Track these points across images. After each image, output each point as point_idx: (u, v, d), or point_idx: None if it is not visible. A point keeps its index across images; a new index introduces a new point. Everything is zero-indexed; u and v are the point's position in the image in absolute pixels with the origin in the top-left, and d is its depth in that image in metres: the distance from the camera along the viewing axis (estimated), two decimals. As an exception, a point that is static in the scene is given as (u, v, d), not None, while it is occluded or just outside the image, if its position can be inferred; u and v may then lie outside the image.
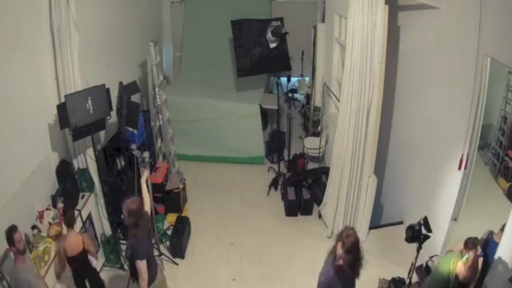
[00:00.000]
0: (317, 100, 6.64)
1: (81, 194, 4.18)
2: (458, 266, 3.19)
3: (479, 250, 3.30)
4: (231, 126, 6.33)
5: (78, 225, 3.94)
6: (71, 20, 3.78)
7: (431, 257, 4.09)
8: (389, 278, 4.16)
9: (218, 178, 6.21)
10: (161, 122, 5.62)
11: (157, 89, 5.39)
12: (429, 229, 3.41)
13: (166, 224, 5.08)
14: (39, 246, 3.37)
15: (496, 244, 3.28)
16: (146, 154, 3.94)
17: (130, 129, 4.49)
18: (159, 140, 5.82)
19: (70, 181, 4.02)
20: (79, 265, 3.45)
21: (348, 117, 4.26)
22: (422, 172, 4.54)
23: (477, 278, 3.29)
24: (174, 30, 7.93)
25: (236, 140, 6.39)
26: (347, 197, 4.59)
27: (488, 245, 3.41)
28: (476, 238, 3.15)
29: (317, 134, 6.53)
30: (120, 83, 4.28)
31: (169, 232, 4.90)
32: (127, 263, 3.55)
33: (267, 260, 4.65)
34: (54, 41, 3.82)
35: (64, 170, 4.05)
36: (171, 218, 5.11)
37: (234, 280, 4.38)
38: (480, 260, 3.29)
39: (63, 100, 3.59)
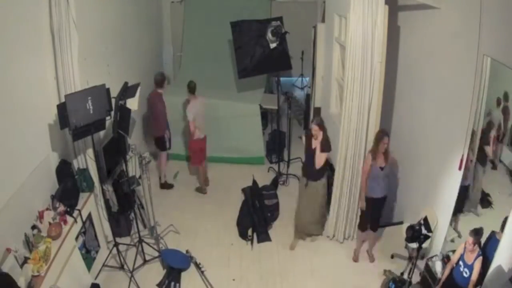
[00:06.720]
0: (317, 100, 6.63)
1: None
2: None
3: (478, 250, 3.30)
4: (231, 126, 6.33)
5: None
6: (71, 20, 3.78)
7: (431, 257, 4.09)
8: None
9: (218, 178, 6.21)
10: None
11: None
12: (429, 229, 3.41)
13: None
14: (39, 246, 3.36)
15: (497, 242, 3.27)
16: (146, 154, 3.95)
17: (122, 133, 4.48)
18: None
19: (70, 181, 4.02)
20: None
21: (349, 116, 4.26)
22: (422, 172, 4.54)
23: (477, 279, 3.29)
24: (174, 30, 7.94)
25: (236, 140, 6.39)
26: (348, 197, 4.59)
27: (488, 244, 3.41)
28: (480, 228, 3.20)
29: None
30: (126, 83, 4.23)
31: (169, 232, 4.91)
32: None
33: (267, 260, 4.65)
34: (54, 41, 3.83)
35: (64, 170, 4.05)
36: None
37: (234, 280, 4.38)
38: (479, 260, 3.29)
39: (63, 100, 3.59)
